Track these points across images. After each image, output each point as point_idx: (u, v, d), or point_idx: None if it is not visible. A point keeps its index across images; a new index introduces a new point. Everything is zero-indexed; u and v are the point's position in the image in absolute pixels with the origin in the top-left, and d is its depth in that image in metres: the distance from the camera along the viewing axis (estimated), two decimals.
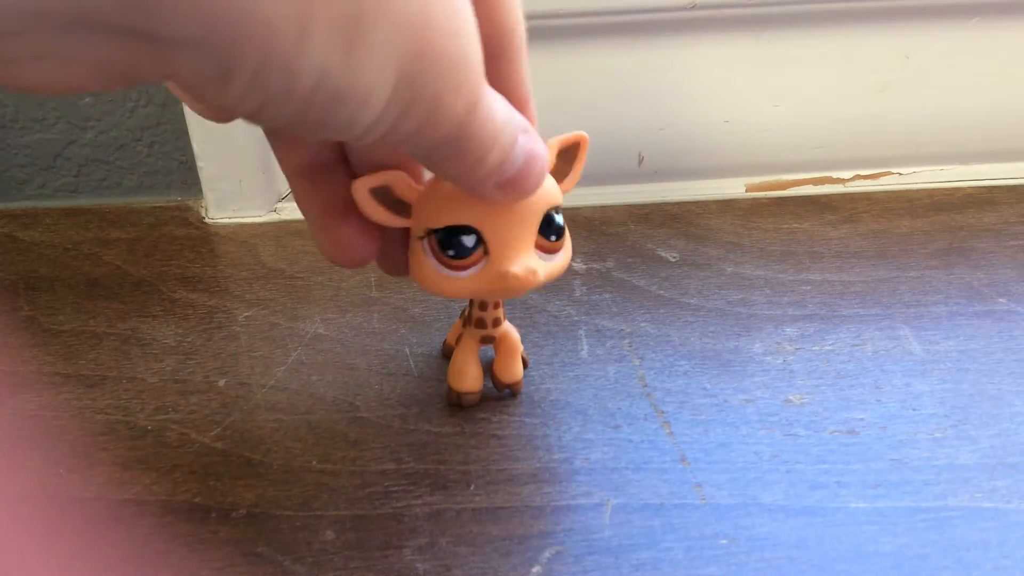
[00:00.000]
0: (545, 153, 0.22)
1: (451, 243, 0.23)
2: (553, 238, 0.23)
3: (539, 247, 0.23)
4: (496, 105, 0.20)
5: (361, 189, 0.22)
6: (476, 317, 0.27)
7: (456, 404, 0.28)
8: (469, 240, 0.22)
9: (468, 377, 0.28)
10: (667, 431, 0.27)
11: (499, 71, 0.22)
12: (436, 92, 0.17)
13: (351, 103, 0.16)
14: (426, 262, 0.23)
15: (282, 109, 0.16)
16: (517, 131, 0.20)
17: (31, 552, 0.17)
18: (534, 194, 0.22)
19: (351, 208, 0.23)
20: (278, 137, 0.23)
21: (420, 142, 0.19)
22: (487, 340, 0.27)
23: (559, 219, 0.24)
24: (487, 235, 0.22)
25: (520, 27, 0.22)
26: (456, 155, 0.19)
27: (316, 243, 0.24)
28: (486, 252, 0.23)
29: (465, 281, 0.23)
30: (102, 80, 0.15)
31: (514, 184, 0.21)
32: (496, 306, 0.27)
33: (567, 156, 0.25)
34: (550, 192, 0.23)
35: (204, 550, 0.24)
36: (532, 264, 0.23)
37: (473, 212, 0.22)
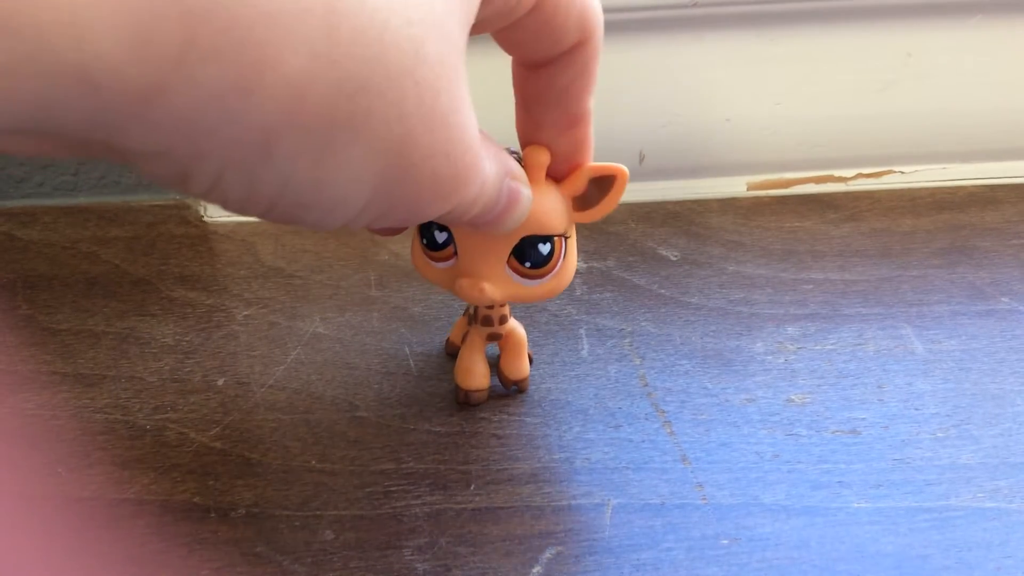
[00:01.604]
0: (527, 198, 0.21)
1: (427, 233, 0.24)
2: (527, 265, 0.23)
3: (514, 268, 0.23)
4: (485, 173, 0.19)
5: None
6: (483, 315, 0.27)
7: (464, 402, 0.28)
8: (440, 236, 0.23)
9: (476, 375, 0.28)
10: (668, 431, 0.27)
11: (555, 81, 0.21)
12: (418, 203, 0.17)
13: (317, 210, 0.16)
14: (416, 243, 0.24)
15: (246, 208, 0.16)
16: (502, 180, 0.20)
17: (30, 551, 0.17)
18: None
19: None
20: None
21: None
22: (494, 337, 0.27)
23: (544, 249, 0.23)
24: (456, 238, 0.23)
25: (593, 37, 0.20)
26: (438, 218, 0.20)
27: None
28: (456, 253, 0.23)
29: (440, 272, 0.24)
30: (67, 153, 0.15)
31: (490, 223, 0.21)
32: (502, 303, 0.27)
33: (601, 185, 0.23)
34: (538, 222, 0.22)
35: (203, 550, 0.23)
36: (484, 283, 0.23)
37: None
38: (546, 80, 0.21)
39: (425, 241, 0.24)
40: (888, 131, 0.40)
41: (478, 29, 0.18)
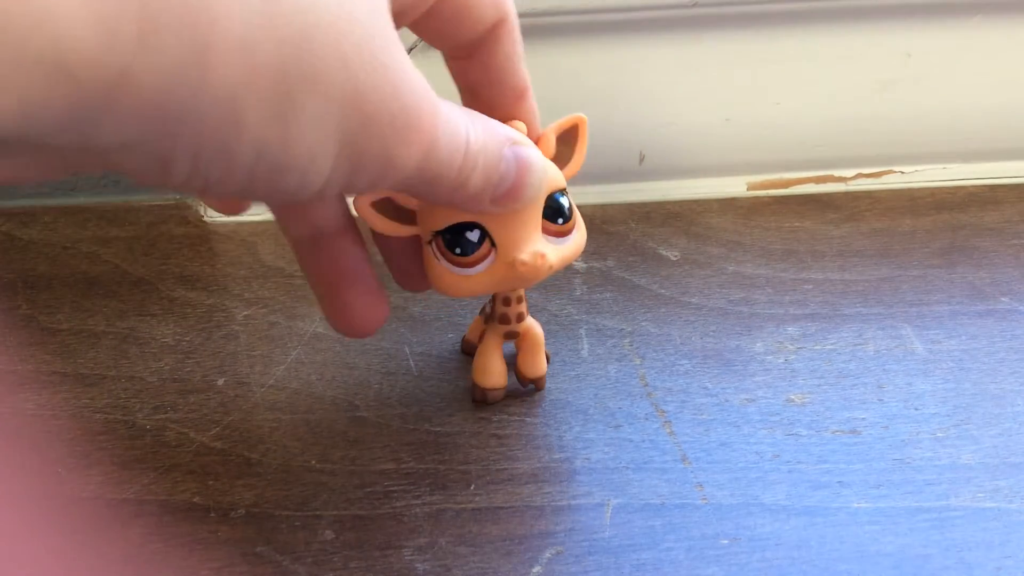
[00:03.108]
0: (539, 159, 0.22)
1: (457, 241, 0.23)
2: (560, 221, 0.24)
3: (547, 232, 0.24)
4: (459, 137, 0.19)
5: (364, 204, 0.23)
6: (500, 313, 0.27)
7: (482, 401, 0.28)
8: (473, 235, 0.23)
9: (494, 373, 0.28)
10: (668, 431, 0.27)
11: (489, 62, 0.22)
12: (385, 150, 0.18)
13: (295, 172, 0.17)
14: (439, 266, 0.23)
15: (227, 185, 0.17)
16: (502, 147, 0.20)
17: (29, 551, 0.17)
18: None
19: (359, 277, 0.23)
20: (279, 207, 0.23)
21: (384, 185, 0.19)
22: (511, 336, 0.27)
23: (564, 202, 0.24)
24: (491, 228, 0.23)
25: (510, 14, 0.22)
26: (430, 188, 0.20)
27: (324, 314, 0.24)
28: (493, 245, 0.23)
29: (479, 277, 0.23)
30: (43, 174, 0.16)
31: (511, 196, 0.21)
32: (519, 301, 0.27)
33: (567, 139, 0.25)
34: (550, 177, 0.23)
35: (203, 550, 0.23)
36: (540, 248, 0.23)
37: None
38: (484, 63, 0.22)
39: (459, 250, 0.23)
40: (888, 131, 0.40)
41: (399, 21, 0.19)
